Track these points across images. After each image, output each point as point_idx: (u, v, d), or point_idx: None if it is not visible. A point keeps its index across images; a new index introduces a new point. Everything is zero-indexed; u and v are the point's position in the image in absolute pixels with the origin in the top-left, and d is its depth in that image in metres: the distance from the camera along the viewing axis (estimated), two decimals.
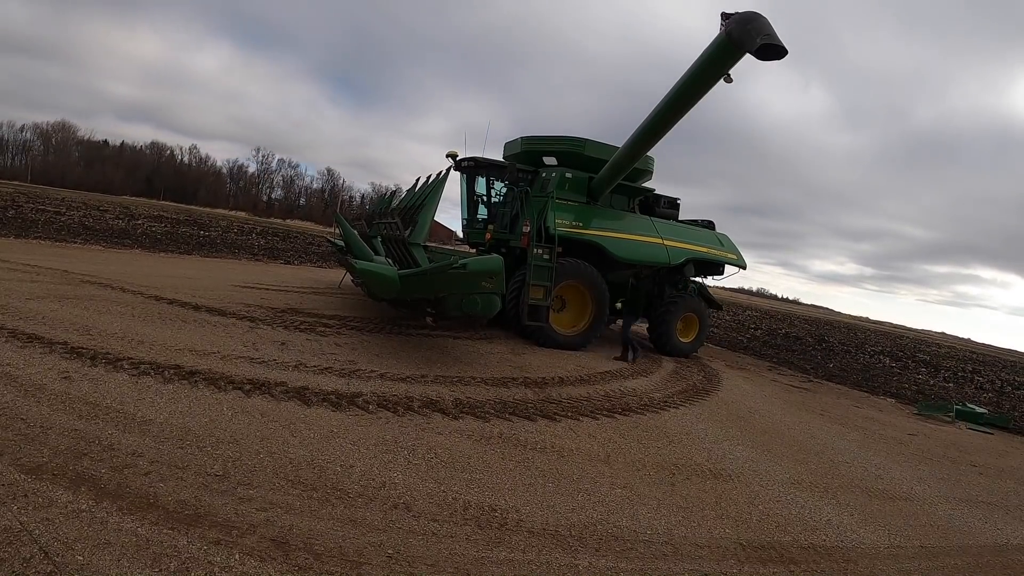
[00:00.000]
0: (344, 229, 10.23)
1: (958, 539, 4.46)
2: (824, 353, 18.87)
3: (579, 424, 5.51)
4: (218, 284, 10.35)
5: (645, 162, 11.03)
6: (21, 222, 16.83)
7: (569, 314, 9.89)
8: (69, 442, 3.30)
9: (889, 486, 5.40)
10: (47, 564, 2.24)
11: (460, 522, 3.24)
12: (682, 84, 7.23)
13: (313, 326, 7.75)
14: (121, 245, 15.44)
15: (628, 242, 10.13)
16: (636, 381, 8.05)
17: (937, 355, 26.83)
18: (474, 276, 6.49)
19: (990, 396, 14.63)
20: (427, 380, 6.04)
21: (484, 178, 11.20)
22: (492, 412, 5.33)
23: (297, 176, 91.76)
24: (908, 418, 9.42)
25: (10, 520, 2.47)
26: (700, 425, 6.32)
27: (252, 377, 5.07)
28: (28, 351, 4.78)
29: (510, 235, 10.26)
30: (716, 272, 12.00)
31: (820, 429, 7.27)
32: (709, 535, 3.65)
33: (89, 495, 2.79)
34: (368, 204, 66.01)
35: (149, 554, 2.43)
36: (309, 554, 2.65)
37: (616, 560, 3.13)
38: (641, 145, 8.57)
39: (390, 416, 4.78)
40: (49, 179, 64.28)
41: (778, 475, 5.09)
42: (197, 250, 17.44)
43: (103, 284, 8.36)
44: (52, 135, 76.41)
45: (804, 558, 3.58)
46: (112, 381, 4.41)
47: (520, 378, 6.87)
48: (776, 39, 6.03)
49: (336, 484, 3.40)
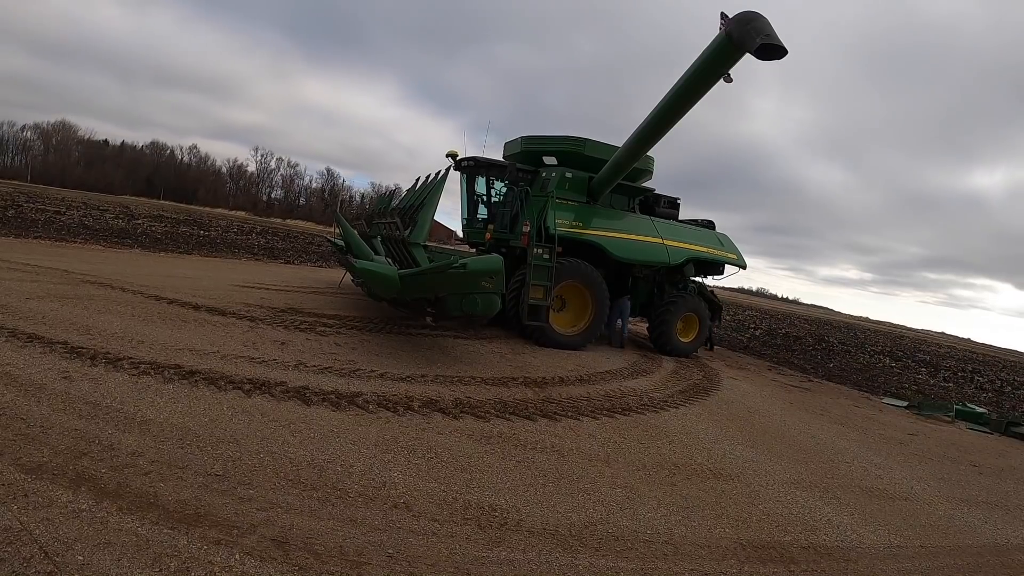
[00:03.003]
0: (344, 229, 10.23)
1: (958, 539, 4.46)
2: (824, 353, 18.87)
3: (579, 424, 5.51)
4: (218, 284, 10.35)
5: (645, 162, 11.03)
6: (21, 222, 16.83)
7: (569, 314, 9.89)
8: (69, 442, 3.30)
9: (889, 486, 5.40)
10: (47, 564, 2.24)
11: (460, 522, 3.24)
12: (682, 84, 7.24)
13: (313, 326, 7.75)
14: (121, 245, 15.44)
15: (628, 242, 10.14)
16: (636, 381, 8.05)
17: (937, 355, 26.82)
18: (474, 276, 6.49)
19: (990, 396, 14.64)
20: (427, 380, 6.04)
21: (484, 178, 11.21)
22: (492, 412, 5.33)
23: (297, 176, 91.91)
24: (908, 418, 9.42)
25: (10, 520, 2.47)
26: (700, 425, 6.32)
27: (252, 377, 5.07)
28: (28, 351, 4.78)
29: (510, 235, 10.26)
30: (716, 272, 12.01)
31: (820, 429, 7.27)
32: (709, 535, 3.65)
33: (89, 495, 2.79)
34: (368, 204, 66.09)
35: (149, 554, 2.43)
36: (309, 554, 2.65)
37: (616, 560, 3.13)
38: (641, 145, 8.57)
39: (390, 416, 4.78)
40: (49, 179, 64.30)
41: (778, 475, 5.09)
42: (197, 250, 17.44)
43: (103, 284, 8.36)
44: (52, 135, 76.50)
45: (804, 558, 3.58)
46: (112, 381, 4.41)
47: (520, 378, 6.87)
48: (776, 39, 6.03)
49: (336, 484, 3.40)
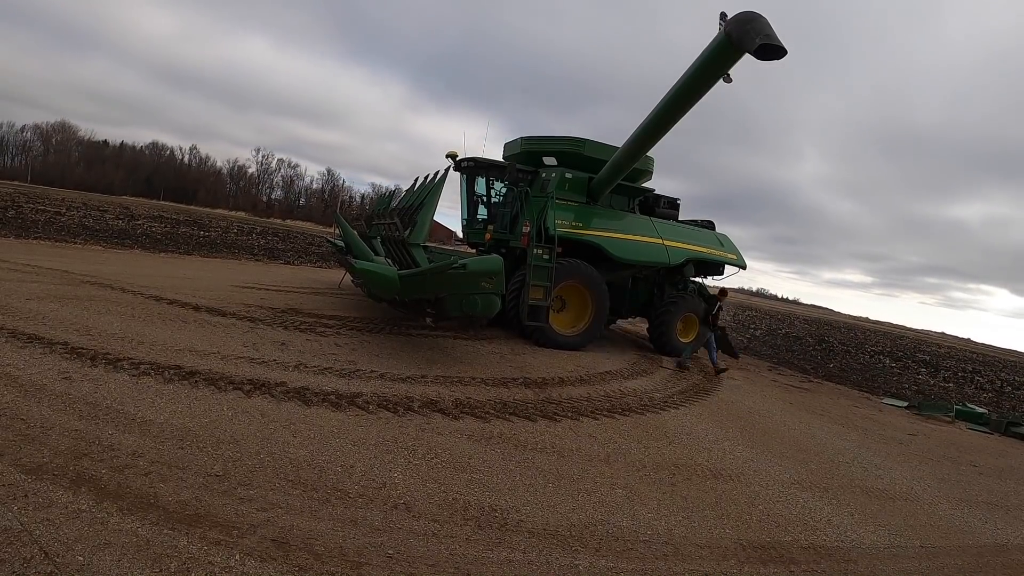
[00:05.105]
0: (344, 229, 10.24)
1: (958, 539, 4.46)
2: (824, 353, 18.86)
3: (579, 424, 5.51)
4: (218, 284, 10.35)
5: (645, 162, 11.03)
6: (21, 222, 16.83)
7: (569, 314, 9.89)
8: (69, 442, 3.30)
9: (889, 486, 5.40)
10: (47, 564, 2.24)
11: (460, 522, 3.24)
12: (682, 84, 7.23)
13: (313, 326, 7.75)
14: (121, 245, 15.44)
15: (628, 242, 10.14)
16: (636, 381, 8.05)
17: (937, 355, 26.82)
18: (474, 276, 6.49)
19: (990, 396, 14.64)
20: (427, 380, 6.04)
21: (484, 178, 11.21)
22: (492, 412, 5.33)
23: (297, 176, 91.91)
24: (908, 418, 9.42)
25: (10, 520, 2.47)
26: (700, 425, 6.32)
27: (252, 377, 5.07)
28: (28, 351, 4.78)
29: (510, 235, 10.26)
30: (716, 272, 12.01)
31: (820, 429, 7.27)
32: (709, 535, 3.65)
33: (89, 495, 2.79)
34: (368, 204, 66.11)
35: (149, 554, 2.43)
36: (309, 554, 2.65)
37: (616, 560, 3.13)
38: (641, 145, 8.56)
39: (390, 416, 4.78)
40: (49, 179, 64.30)
41: (778, 475, 5.09)
42: (197, 250, 17.45)
43: (103, 284, 8.36)
44: (52, 135, 76.50)
45: (804, 558, 3.58)
46: (112, 381, 4.41)
47: (520, 378, 6.87)
48: (775, 39, 6.02)
49: (336, 484, 3.40)
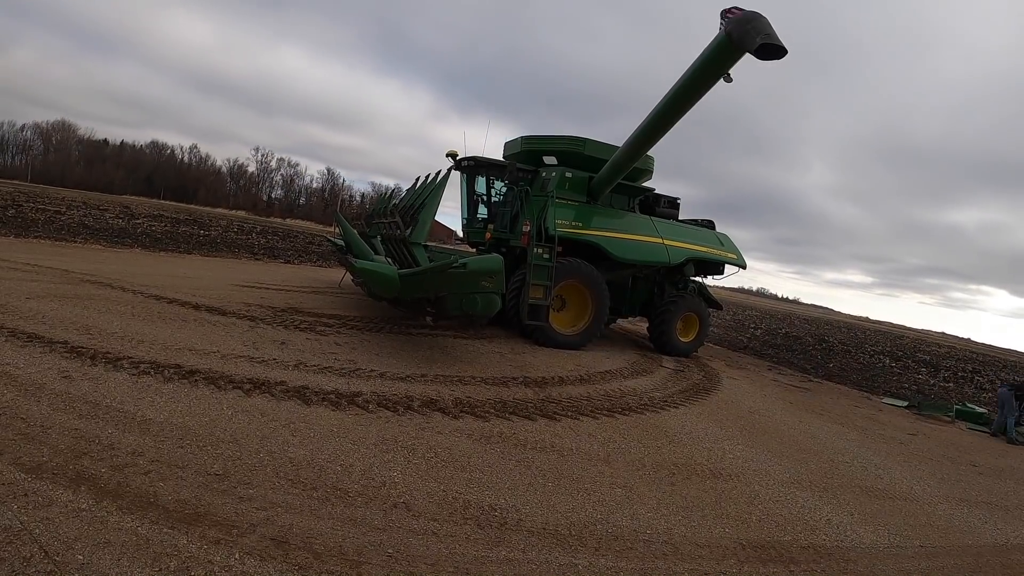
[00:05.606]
0: (344, 228, 10.24)
1: (958, 539, 4.46)
2: (824, 353, 18.86)
3: (579, 424, 5.51)
4: (218, 283, 10.35)
5: (645, 161, 11.02)
6: (21, 221, 16.81)
7: (569, 313, 9.89)
8: (69, 441, 3.30)
9: (889, 486, 5.40)
10: (47, 563, 2.24)
11: (460, 521, 3.24)
12: (682, 84, 7.23)
13: (313, 325, 7.75)
14: (121, 244, 15.44)
15: (628, 242, 10.14)
16: (636, 381, 8.05)
17: (937, 355, 26.79)
18: (474, 275, 6.49)
19: (990, 396, 14.63)
20: (427, 379, 6.04)
21: (484, 178, 11.21)
22: (492, 411, 5.33)
23: (297, 175, 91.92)
24: (908, 418, 9.42)
25: (10, 519, 2.47)
26: (700, 425, 6.32)
27: (252, 376, 5.07)
28: (28, 350, 4.78)
29: (510, 235, 10.26)
30: (716, 272, 12.01)
31: (820, 429, 7.27)
32: (709, 535, 3.65)
33: (89, 494, 2.79)
34: (368, 203, 66.09)
35: (149, 553, 2.43)
36: (309, 553, 2.65)
37: (616, 560, 3.13)
38: (641, 144, 8.56)
39: (390, 415, 4.78)
40: (49, 178, 64.28)
41: (778, 475, 5.09)
42: (197, 249, 17.44)
43: (103, 283, 8.36)
44: (52, 134, 76.48)
45: (804, 558, 3.58)
46: (112, 380, 4.41)
47: (520, 378, 6.86)
48: (776, 39, 6.02)
49: (336, 483, 3.40)
